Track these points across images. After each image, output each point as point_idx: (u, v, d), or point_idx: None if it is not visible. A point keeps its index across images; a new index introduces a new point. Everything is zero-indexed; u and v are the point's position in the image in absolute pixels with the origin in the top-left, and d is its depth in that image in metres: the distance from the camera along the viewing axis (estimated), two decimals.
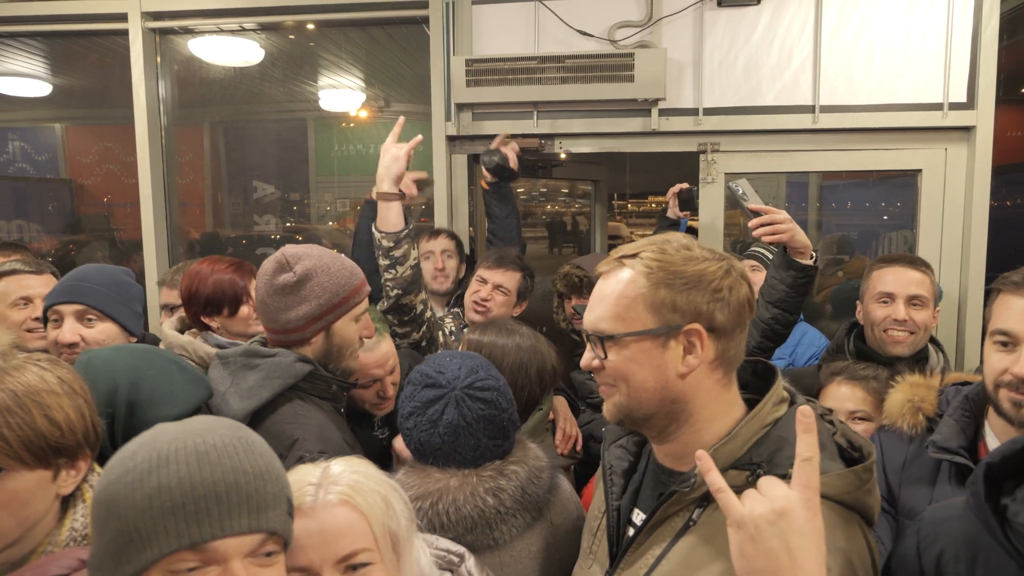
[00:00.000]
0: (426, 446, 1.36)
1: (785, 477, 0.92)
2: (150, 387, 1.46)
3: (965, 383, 1.62)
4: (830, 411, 1.11)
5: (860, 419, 1.86)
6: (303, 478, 1.05)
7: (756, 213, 1.92)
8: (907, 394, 1.65)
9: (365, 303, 1.74)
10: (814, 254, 1.92)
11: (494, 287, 2.45)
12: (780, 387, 1.08)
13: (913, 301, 2.02)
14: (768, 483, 0.87)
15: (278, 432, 1.52)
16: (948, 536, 0.96)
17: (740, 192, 2.02)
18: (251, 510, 0.84)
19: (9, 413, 1.03)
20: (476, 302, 2.44)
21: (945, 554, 0.96)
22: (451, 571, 1.16)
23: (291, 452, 1.47)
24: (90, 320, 1.87)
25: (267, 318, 1.67)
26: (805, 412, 0.85)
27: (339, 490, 1.03)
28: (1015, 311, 1.36)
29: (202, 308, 2.04)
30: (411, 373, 1.46)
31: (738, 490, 0.96)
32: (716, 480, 0.87)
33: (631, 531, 1.10)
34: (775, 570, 0.81)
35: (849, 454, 1.03)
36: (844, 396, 1.89)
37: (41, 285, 2.15)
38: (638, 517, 1.11)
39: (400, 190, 2.22)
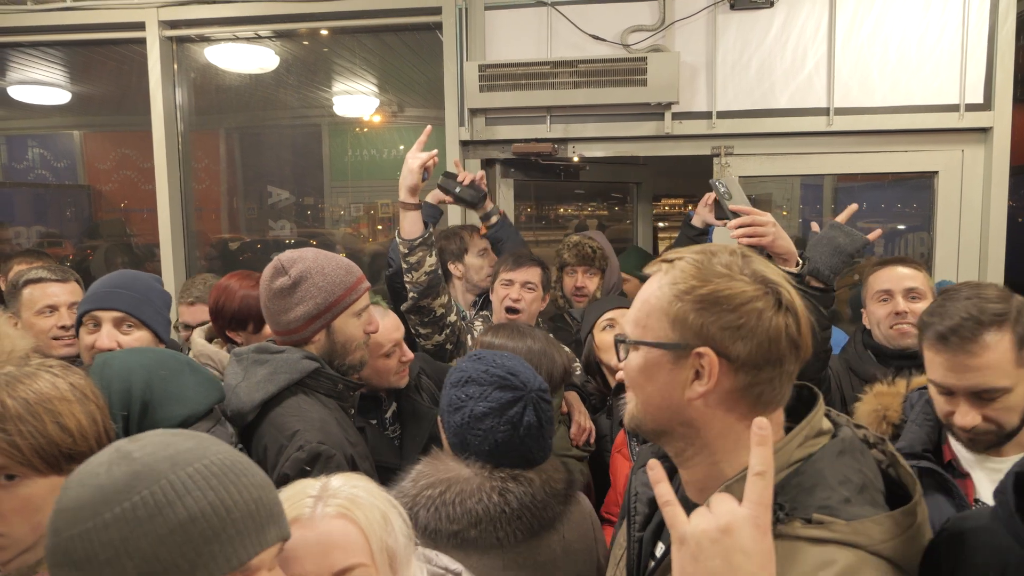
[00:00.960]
0: (503, 447, 1.37)
1: (810, 522, 0.84)
2: (162, 387, 1.50)
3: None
4: (883, 439, 1.00)
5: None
6: (303, 490, 1.05)
7: (737, 214, 1.79)
8: (873, 404, 1.66)
9: (364, 299, 1.77)
10: (800, 261, 1.80)
11: (522, 285, 2.46)
12: (819, 418, 0.96)
13: (910, 294, 2.12)
14: (717, 499, 0.80)
15: (281, 424, 1.59)
16: (974, 548, 0.92)
17: (723, 190, 1.85)
18: (274, 520, 0.86)
19: (21, 421, 1.04)
20: (508, 306, 2.46)
21: (973, 566, 0.92)
22: None
23: (291, 442, 1.53)
24: (128, 327, 1.89)
25: (271, 321, 1.75)
26: (760, 424, 0.79)
27: (338, 503, 1.02)
28: (938, 366, 1.38)
29: (228, 323, 2.09)
30: (467, 371, 1.43)
31: None
32: (664, 492, 0.81)
33: (652, 564, 1.04)
34: None
35: (899, 492, 0.94)
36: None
37: (66, 293, 2.18)
38: (660, 550, 1.05)
39: (416, 201, 2.28)
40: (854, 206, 1.95)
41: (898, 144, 3.02)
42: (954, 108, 2.93)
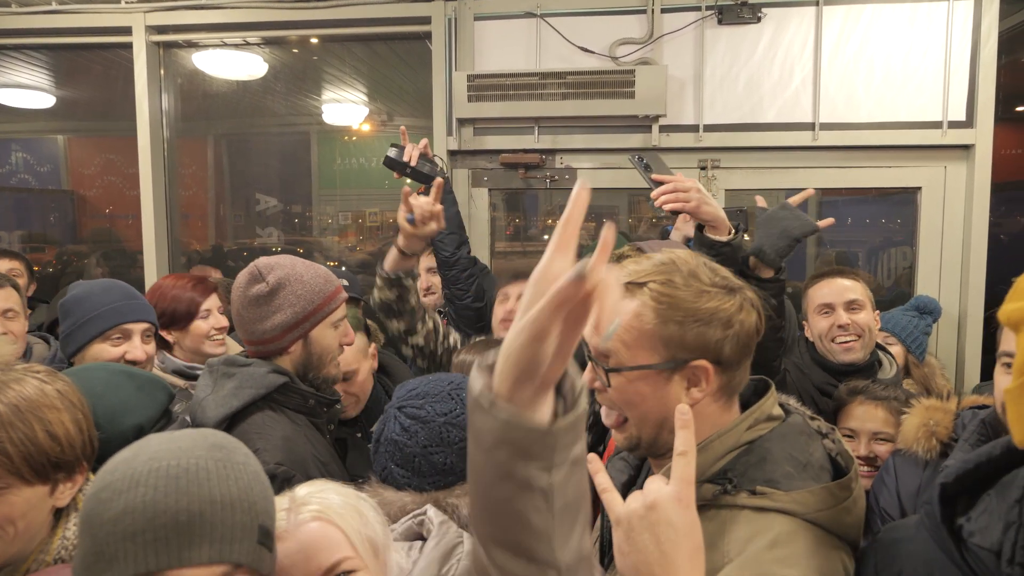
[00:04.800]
0: (375, 466, 1.33)
1: (754, 493, 0.95)
2: (103, 404, 1.46)
3: (982, 407, 1.57)
4: (833, 428, 1.10)
5: (883, 440, 1.86)
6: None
7: (659, 183, 1.68)
8: (922, 418, 1.62)
9: (342, 310, 1.71)
10: (733, 229, 1.70)
11: (518, 299, 2.37)
12: (770, 404, 1.07)
13: (851, 306, 2.14)
14: (649, 481, 0.87)
15: (243, 441, 1.51)
16: (905, 557, 0.94)
17: (644, 162, 1.74)
18: (213, 540, 0.80)
19: (11, 427, 1.02)
20: (504, 318, 2.34)
21: (903, 574, 0.94)
22: (422, 537, 1.14)
23: None
24: (148, 337, 1.95)
25: (244, 330, 1.66)
26: (682, 410, 0.86)
27: (311, 509, 1.03)
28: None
29: (159, 321, 2.11)
30: None
31: (707, 504, 0.97)
32: (602, 481, 0.89)
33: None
34: (647, 562, 0.82)
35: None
36: (867, 416, 1.89)
37: (0, 300, 2.12)
38: None
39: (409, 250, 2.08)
40: (810, 191, 1.93)
41: (882, 160, 3.06)
42: (937, 125, 2.97)
